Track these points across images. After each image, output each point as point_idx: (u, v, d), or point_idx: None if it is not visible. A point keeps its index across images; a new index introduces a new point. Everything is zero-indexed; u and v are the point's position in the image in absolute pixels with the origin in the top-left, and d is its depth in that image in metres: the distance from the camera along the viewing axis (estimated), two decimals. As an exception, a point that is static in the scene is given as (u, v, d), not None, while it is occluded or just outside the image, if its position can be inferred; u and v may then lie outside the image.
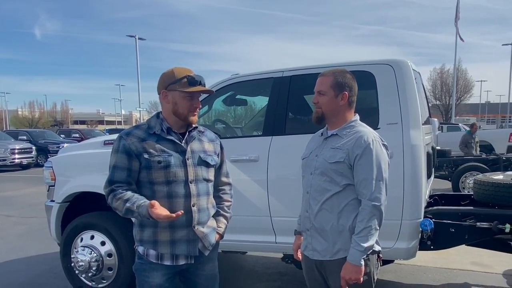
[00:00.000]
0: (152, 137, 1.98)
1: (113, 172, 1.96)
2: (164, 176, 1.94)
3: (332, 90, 2.06)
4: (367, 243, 1.93)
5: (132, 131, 2.00)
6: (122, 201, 1.89)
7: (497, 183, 3.33)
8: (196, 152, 2.04)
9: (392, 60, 3.17)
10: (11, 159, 16.27)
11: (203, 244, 2.05)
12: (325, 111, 2.08)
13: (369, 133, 2.04)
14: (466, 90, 47.55)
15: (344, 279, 1.96)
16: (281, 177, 3.32)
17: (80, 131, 25.73)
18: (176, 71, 1.99)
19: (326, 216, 2.04)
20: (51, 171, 3.99)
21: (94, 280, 3.68)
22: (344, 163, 1.99)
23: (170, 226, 1.96)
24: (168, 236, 1.97)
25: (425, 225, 3.01)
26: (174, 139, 2.00)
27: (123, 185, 1.94)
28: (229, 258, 4.95)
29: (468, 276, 4.32)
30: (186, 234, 1.99)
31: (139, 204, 1.84)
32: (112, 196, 1.93)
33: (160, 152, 1.95)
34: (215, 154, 2.15)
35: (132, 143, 1.94)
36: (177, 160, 1.97)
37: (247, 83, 3.78)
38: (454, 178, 8.94)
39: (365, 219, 1.94)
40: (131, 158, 1.94)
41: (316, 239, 2.09)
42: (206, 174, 2.07)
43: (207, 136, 2.16)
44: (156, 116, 2.06)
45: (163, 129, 1.99)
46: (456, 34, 27.35)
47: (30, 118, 63.92)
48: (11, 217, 7.71)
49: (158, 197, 1.93)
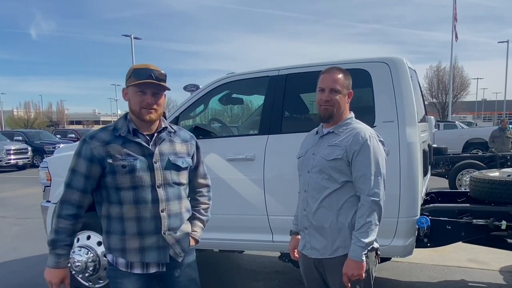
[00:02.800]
0: (117, 140, 1.86)
1: (72, 177, 1.87)
2: (130, 181, 1.84)
3: (345, 88, 2.07)
4: (368, 238, 1.93)
5: (96, 134, 1.89)
6: (54, 226, 1.86)
7: (493, 180, 3.34)
8: (165, 155, 1.92)
9: (387, 58, 3.16)
10: (6, 160, 16.24)
11: (175, 251, 1.94)
12: (337, 109, 2.06)
13: (365, 129, 2.05)
14: (462, 88, 47.67)
15: (346, 276, 1.96)
16: (278, 176, 3.31)
17: (76, 131, 25.65)
18: (132, 67, 1.89)
19: (325, 214, 2.03)
20: (46, 172, 3.97)
21: (91, 281, 3.66)
22: (342, 160, 2.00)
23: (139, 233, 1.87)
24: (137, 243, 1.88)
25: (422, 223, 3.02)
26: (141, 141, 1.88)
27: (76, 198, 1.87)
28: (226, 257, 4.95)
29: (464, 273, 4.33)
30: (155, 241, 1.89)
31: (54, 252, 1.84)
32: (58, 208, 1.88)
33: (125, 156, 1.84)
34: (188, 155, 2.02)
35: (95, 147, 1.84)
36: (143, 164, 1.85)
37: (243, 82, 3.76)
38: (451, 175, 8.97)
39: (364, 214, 1.94)
40: (92, 164, 1.84)
41: (314, 237, 2.08)
42: (177, 177, 1.95)
43: (180, 136, 2.03)
44: (124, 117, 1.94)
45: (129, 131, 1.88)
46: (452, 32, 27.43)
47: (26, 119, 63.72)
48: (7, 218, 7.68)
49: (125, 203, 1.86)
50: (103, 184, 1.89)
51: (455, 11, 26.70)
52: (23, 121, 62.05)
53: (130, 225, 1.87)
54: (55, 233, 1.86)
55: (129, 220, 1.87)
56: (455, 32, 27.29)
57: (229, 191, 3.34)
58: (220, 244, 3.56)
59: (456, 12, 26.67)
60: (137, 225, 1.87)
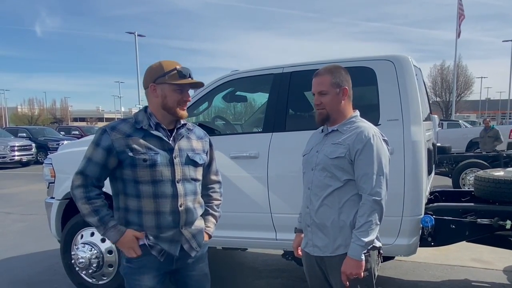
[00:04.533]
0: (138, 133, 1.89)
1: (87, 164, 1.87)
2: (150, 175, 1.86)
3: (333, 87, 2.05)
4: (368, 237, 1.93)
5: (117, 126, 1.90)
6: (91, 208, 1.86)
7: (498, 180, 3.32)
8: (184, 151, 1.96)
9: (393, 56, 3.15)
10: (10, 156, 16.28)
11: (190, 245, 1.99)
12: (330, 110, 2.06)
13: (369, 128, 2.04)
14: (466, 87, 47.51)
15: (344, 274, 1.96)
16: (281, 174, 3.31)
17: (80, 128, 25.69)
18: (164, 64, 1.92)
19: (327, 212, 2.04)
20: (51, 168, 3.99)
21: (95, 277, 3.68)
22: (345, 158, 1.99)
23: (157, 226, 1.91)
24: (154, 236, 1.93)
25: (426, 222, 3.01)
26: (162, 136, 1.91)
27: (94, 183, 1.89)
28: (229, 255, 4.96)
29: (468, 272, 4.32)
30: (172, 235, 1.93)
31: (109, 227, 1.86)
32: (82, 192, 1.87)
33: (146, 149, 1.86)
34: (203, 152, 2.07)
35: (116, 139, 1.85)
36: (164, 159, 1.89)
37: (247, 80, 3.76)
38: (455, 174, 8.94)
39: (365, 213, 1.94)
40: (110, 155, 1.86)
41: (316, 235, 2.08)
42: (194, 173, 2.00)
43: (196, 133, 2.08)
44: (144, 111, 1.97)
45: (151, 125, 1.91)
46: (457, 31, 27.28)
47: (30, 115, 63.93)
48: (11, 214, 7.71)
49: (143, 196, 1.88)
50: (119, 176, 1.91)
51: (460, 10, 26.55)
52: (27, 118, 62.25)
53: (149, 219, 1.90)
54: (96, 212, 1.86)
55: (147, 214, 1.90)
56: (459, 29, 27.15)
57: (232, 189, 3.34)
58: (223, 241, 3.55)
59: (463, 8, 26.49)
60: (156, 219, 1.90)
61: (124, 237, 1.89)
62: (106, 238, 1.91)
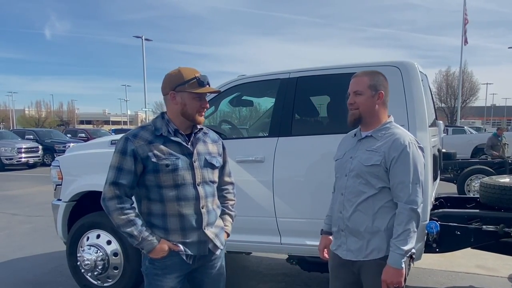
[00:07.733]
0: (158, 139, 1.95)
1: (119, 174, 1.92)
2: (172, 179, 1.93)
3: (369, 89, 2.05)
4: (407, 246, 1.93)
5: (139, 133, 1.96)
6: (127, 219, 1.90)
7: (504, 186, 3.31)
8: (202, 154, 2.04)
9: (399, 61, 3.16)
10: (17, 158, 16.42)
11: (215, 244, 2.06)
12: (363, 111, 2.06)
13: (405, 135, 2.03)
14: (471, 93, 47.29)
15: (385, 283, 1.96)
16: (287, 178, 3.32)
17: (86, 131, 25.83)
18: (184, 72, 1.97)
19: (360, 218, 2.04)
20: (58, 170, 4.02)
21: (100, 279, 3.70)
22: (380, 166, 1.99)
23: (181, 228, 1.97)
24: (179, 238, 1.98)
25: (431, 228, 3.00)
26: (181, 141, 1.98)
27: (127, 192, 1.93)
28: (233, 259, 4.96)
29: (473, 279, 4.30)
30: (197, 236, 2.00)
31: (145, 237, 1.91)
32: (116, 204, 1.91)
33: (168, 155, 1.93)
34: (219, 155, 2.15)
35: (139, 146, 1.91)
36: (185, 163, 1.96)
37: (254, 84, 3.78)
38: (460, 181, 8.91)
39: (403, 222, 1.94)
40: (136, 161, 1.91)
41: (350, 239, 2.08)
42: (212, 176, 2.08)
43: (211, 137, 2.16)
44: (161, 117, 2.03)
45: (169, 131, 1.97)
46: (462, 37, 27.24)
47: (37, 118, 64.42)
48: (17, 215, 7.76)
49: (167, 200, 1.94)
50: (141, 182, 1.97)
51: (465, 16, 26.52)
52: (34, 120, 62.71)
53: (173, 221, 1.96)
54: (131, 223, 1.91)
55: (172, 217, 1.96)
56: (465, 36, 27.10)
57: (238, 193, 3.33)
58: (228, 245, 3.54)
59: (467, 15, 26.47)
60: (180, 221, 1.97)
61: (159, 249, 1.94)
62: (140, 249, 1.97)
